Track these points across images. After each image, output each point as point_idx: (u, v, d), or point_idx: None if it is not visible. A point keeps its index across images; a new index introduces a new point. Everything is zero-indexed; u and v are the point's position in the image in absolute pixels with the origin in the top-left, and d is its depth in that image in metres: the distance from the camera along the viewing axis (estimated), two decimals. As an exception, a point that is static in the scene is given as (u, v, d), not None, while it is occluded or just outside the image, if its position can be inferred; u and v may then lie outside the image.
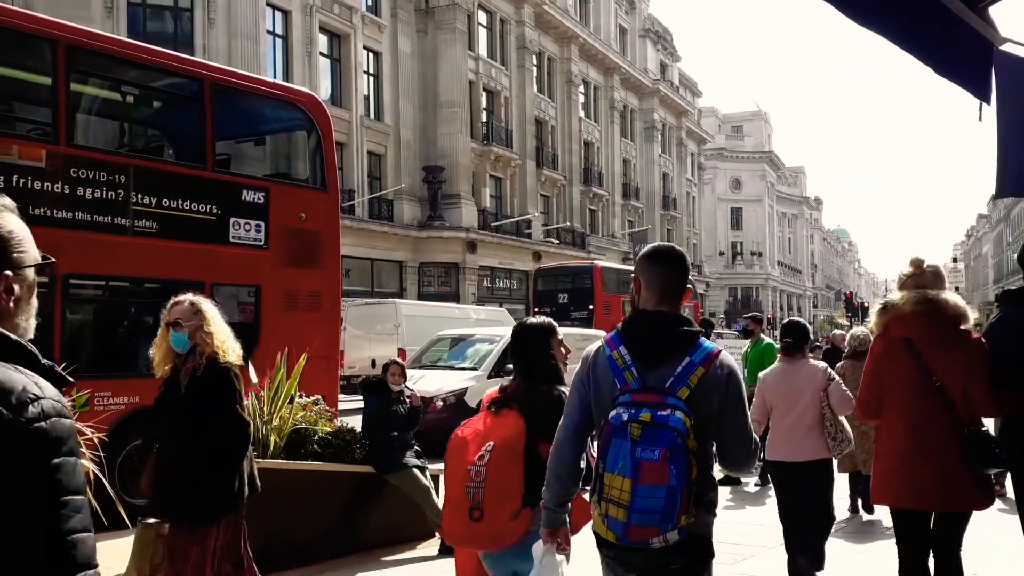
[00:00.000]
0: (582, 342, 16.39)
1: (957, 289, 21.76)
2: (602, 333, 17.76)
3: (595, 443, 2.79)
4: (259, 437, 6.63)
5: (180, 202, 9.01)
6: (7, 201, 1.51)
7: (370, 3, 33.09)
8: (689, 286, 2.93)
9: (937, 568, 4.05)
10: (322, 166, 10.54)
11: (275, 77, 25.77)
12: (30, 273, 1.51)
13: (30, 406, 1.35)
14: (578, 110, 47.09)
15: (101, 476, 5.43)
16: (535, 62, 42.46)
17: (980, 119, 4.10)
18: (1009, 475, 4.38)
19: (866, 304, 64.50)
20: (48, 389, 1.40)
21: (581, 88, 47.83)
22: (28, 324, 1.53)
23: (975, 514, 4.02)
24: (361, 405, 7.65)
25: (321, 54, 30.29)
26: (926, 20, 3.17)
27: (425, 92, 34.99)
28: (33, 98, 9.04)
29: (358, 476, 7.07)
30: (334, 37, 31.12)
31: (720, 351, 2.72)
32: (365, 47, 32.31)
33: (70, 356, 7.10)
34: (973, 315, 4.17)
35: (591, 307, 31.05)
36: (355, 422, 7.60)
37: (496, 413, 3.45)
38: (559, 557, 2.91)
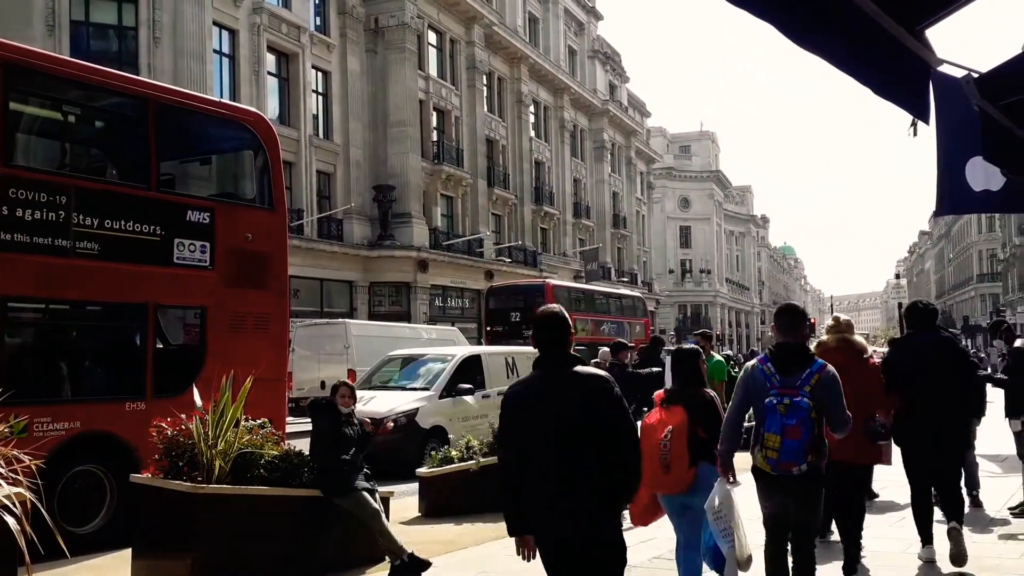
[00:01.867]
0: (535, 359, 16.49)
1: (900, 305, 22.94)
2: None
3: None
4: (203, 461, 6.50)
5: (123, 223, 8.82)
6: None
7: (318, 23, 32.97)
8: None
9: (841, 506, 6.30)
10: (269, 186, 10.41)
11: (222, 96, 25.49)
12: None
13: (609, 382, 3.71)
14: (528, 130, 47.35)
15: (39, 504, 5.27)
16: (485, 82, 42.63)
17: (914, 135, 4.21)
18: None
19: (812, 320, 65.59)
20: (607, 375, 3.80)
21: (531, 108, 48.13)
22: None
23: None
24: (310, 428, 7.54)
25: (269, 73, 30.05)
26: (865, 43, 3.23)
27: (375, 111, 34.90)
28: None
29: (307, 500, 6.96)
30: (282, 56, 30.92)
31: (826, 364, 4.87)
32: (314, 66, 32.15)
33: (8, 381, 6.89)
34: (871, 347, 6.77)
35: (543, 325, 31.10)
36: (304, 445, 7.48)
37: (667, 408, 5.25)
38: (729, 487, 4.91)
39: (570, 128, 53.04)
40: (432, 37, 38.72)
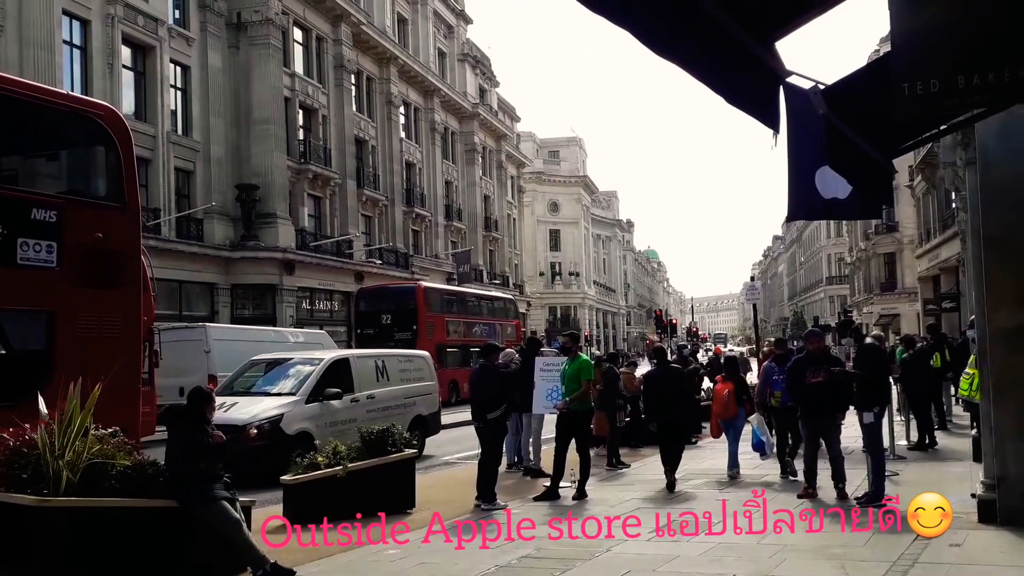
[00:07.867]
0: (404, 363, 16.27)
1: (754, 306, 23.92)
2: (425, 353, 17.79)
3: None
4: (50, 473, 6.13)
5: (-41, 220, 8.22)
6: None
7: (177, 16, 31.71)
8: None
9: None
10: (121, 182, 9.92)
11: (73, 90, 24.20)
12: None
13: (681, 371, 13.00)
14: (399, 131, 47.00)
15: None
16: (354, 81, 42.04)
17: (774, 146, 4.37)
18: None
19: (674, 321, 67.74)
20: None
21: (401, 109, 47.79)
22: None
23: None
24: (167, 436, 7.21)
25: (124, 66, 28.68)
26: (718, 53, 3.32)
27: (237, 108, 33.84)
28: None
29: (163, 511, 6.67)
30: (138, 49, 29.57)
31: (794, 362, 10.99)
32: (172, 60, 30.90)
33: None
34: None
35: (415, 327, 30.87)
36: (161, 455, 7.15)
37: (724, 382, 12.09)
38: (760, 416, 12.19)
39: (441, 130, 52.98)
40: (298, 34, 37.90)
